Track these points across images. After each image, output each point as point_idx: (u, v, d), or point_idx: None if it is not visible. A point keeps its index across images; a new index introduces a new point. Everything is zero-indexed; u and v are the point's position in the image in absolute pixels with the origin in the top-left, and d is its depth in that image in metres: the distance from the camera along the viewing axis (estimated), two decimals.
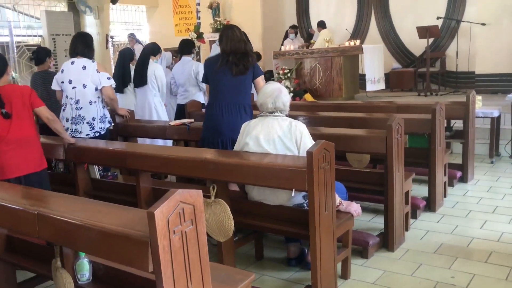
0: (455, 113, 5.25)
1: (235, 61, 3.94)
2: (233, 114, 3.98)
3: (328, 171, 2.86)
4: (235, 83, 3.98)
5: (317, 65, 9.12)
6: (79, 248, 2.23)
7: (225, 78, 3.97)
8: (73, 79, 4.53)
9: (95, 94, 4.56)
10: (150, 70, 5.81)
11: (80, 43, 4.63)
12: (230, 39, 4.00)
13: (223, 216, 2.95)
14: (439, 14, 9.51)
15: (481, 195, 4.94)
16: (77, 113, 4.54)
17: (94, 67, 4.54)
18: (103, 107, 4.67)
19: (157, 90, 5.90)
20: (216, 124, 4.01)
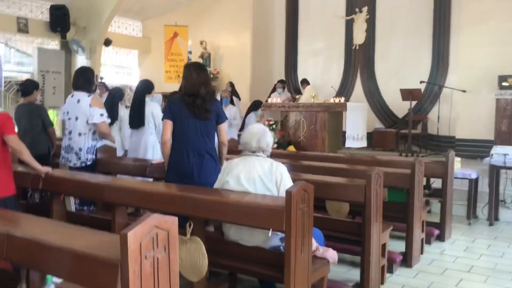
0: (434, 171, 5.34)
1: (196, 105, 3.86)
2: (201, 159, 3.91)
3: (306, 213, 2.86)
4: (202, 127, 3.92)
5: (302, 119, 9.26)
6: (48, 271, 2.16)
7: (190, 121, 3.90)
8: (69, 111, 4.77)
9: (86, 126, 4.70)
10: (148, 109, 5.72)
11: (81, 77, 4.82)
12: (187, 81, 3.92)
13: (198, 254, 2.91)
14: (423, 78, 9.85)
15: (457, 254, 4.94)
16: (68, 143, 4.76)
17: (88, 101, 4.67)
18: (94, 140, 4.76)
19: (154, 128, 5.79)
20: (183, 169, 3.91)
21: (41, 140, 5.48)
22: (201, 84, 3.89)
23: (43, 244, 2.08)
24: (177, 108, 3.95)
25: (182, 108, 3.92)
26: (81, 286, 2.06)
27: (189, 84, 3.91)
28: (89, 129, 4.71)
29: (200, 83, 3.89)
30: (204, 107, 3.88)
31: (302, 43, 12.03)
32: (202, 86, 3.88)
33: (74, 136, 4.73)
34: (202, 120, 3.91)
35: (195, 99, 3.87)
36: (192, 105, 3.87)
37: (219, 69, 12.02)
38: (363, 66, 11.19)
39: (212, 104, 3.94)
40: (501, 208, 6.42)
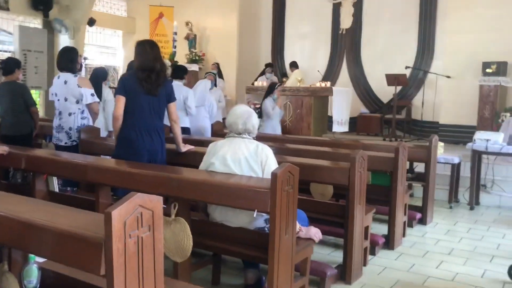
0: (417, 156, 5.39)
1: (150, 81, 3.85)
2: (150, 136, 3.96)
3: (291, 195, 2.87)
4: (158, 104, 3.95)
5: (288, 103, 9.26)
6: (30, 250, 2.14)
7: (143, 97, 3.90)
8: (57, 92, 4.86)
9: (75, 106, 4.82)
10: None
11: (64, 57, 4.89)
12: (141, 56, 3.91)
13: (183, 235, 2.90)
14: (408, 64, 9.90)
15: (439, 237, 5.03)
16: (59, 123, 4.87)
17: (75, 82, 4.76)
18: (83, 119, 4.87)
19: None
20: (133, 145, 3.94)
21: (24, 120, 5.39)
22: (156, 60, 3.88)
23: (25, 223, 2.05)
24: (131, 84, 3.92)
25: (135, 84, 3.90)
26: (65, 265, 2.05)
27: (144, 59, 3.90)
28: (78, 109, 4.83)
29: (155, 59, 3.88)
30: (157, 82, 3.88)
31: (289, 26, 11.98)
32: (157, 62, 3.88)
33: (64, 116, 4.82)
34: (153, 96, 3.91)
35: (150, 74, 3.86)
36: (145, 81, 3.86)
37: (205, 51, 11.92)
38: (349, 51, 11.20)
39: (164, 81, 3.95)
40: (482, 193, 6.53)
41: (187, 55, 11.68)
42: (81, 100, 4.79)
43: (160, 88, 3.91)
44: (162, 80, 3.91)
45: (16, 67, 5.62)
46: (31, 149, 4.38)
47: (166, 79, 4.02)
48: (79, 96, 4.77)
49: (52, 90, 4.95)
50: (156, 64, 3.87)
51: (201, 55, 11.76)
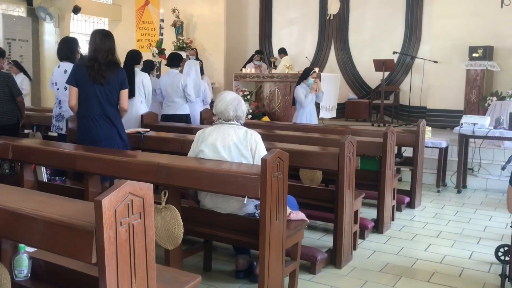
0: (405, 140, 5.44)
1: (99, 69, 3.96)
2: (103, 123, 4.07)
3: (281, 181, 2.88)
4: (107, 92, 4.04)
5: (277, 90, 9.24)
6: (20, 239, 2.13)
7: (93, 87, 4.00)
8: (58, 81, 4.88)
9: None
10: (138, 79, 5.71)
11: (63, 48, 4.93)
12: (93, 46, 4.02)
13: (173, 222, 2.90)
14: (396, 49, 9.92)
15: (427, 220, 5.10)
16: (59, 112, 4.94)
17: None
18: None
19: (144, 98, 5.83)
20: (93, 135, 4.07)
21: (10, 110, 5.32)
22: (104, 51, 3.97)
23: (14, 213, 2.04)
24: (81, 73, 4.03)
25: (84, 72, 4.01)
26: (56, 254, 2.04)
27: (91, 49, 4.03)
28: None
29: (103, 50, 3.97)
30: (100, 72, 3.96)
31: (276, 12, 11.92)
32: (104, 52, 3.97)
33: (64, 105, 4.82)
34: (100, 85, 4.00)
35: (94, 63, 3.97)
36: (91, 69, 3.97)
37: (192, 38, 11.82)
38: (337, 37, 11.19)
39: (113, 71, 4.02)
40: (469, 176, 6.61)
41: (174, 43, 11.57)
42: None
43: (109, 76, 3.99)
44: (107, 71, 3.98)
45: (0, 56, 5.54)
46: (18, 139, 4.33)
47: (117, 68, 4.08)
48: None
49: (52, 79, 5.01)
50: (100, 54, 3.96)
51: (189, 42, 11.66)
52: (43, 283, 2.32)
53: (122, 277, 1.83)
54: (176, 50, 11.31)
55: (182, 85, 6.23)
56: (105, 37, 4.06)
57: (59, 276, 2.30)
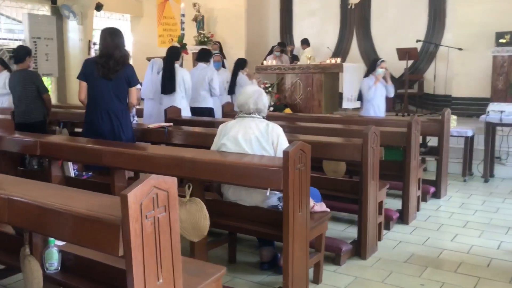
0: (430, 130, 5.37)
1: (108, 66, 4.11)
2: (112, 118, 4.22)
3: (303, 173, 2.88)
4: (115, 88, 4.19)
5: (298, 81, 9.21)
6: (50, 234, 2.19)
7: (101, 82, 4.15)
8: None
9: None
10: (179, 75, 6.01)
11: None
12: (101, 44, 4.20)
13: (199, 215, 2.93)
14: (419, 37, 9.75)
15: (453, 210, 5.03)
16: None
17: None
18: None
19: (184, 93, 6.09)
20: (99, 128, 4.22)
21: (37, 107, 5.45)
22: (115, 48, 4.13)
23: (44, 207, 2.10)
24: (90, 70, 4.19)
25: (94, 69, 4.16)
26: (84, 247, 2.09)
27: (103, 46, 4.20)
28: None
29: (114, 47, 4.13)
30: (115, 68, 4.13)
31: (297, 4, 11.84)
32: (116, 49, 4.14)
33: None
34: (111, 81, 4.15)
35: (108, 60, 4.12)
36: (103, 66, 4.12)
37: (213, 32, 11.84)
38: (359, 26, 11.05)
39: (123, 67, 4.18)
40: (496, 165, 6.49)
41: (196, 37, 11.61)
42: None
43: (118, 72, 4.14)
44: (119, 67, 4.14)
45: (26, 55, 5.66)
46: (45, 135, 4.43)
47: (126, 65, 4.23)
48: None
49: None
50: (114, 51, 4.12)
51: (210, 37, 11.68)
52: (73, 275, 2.39)
53: (148, 269, 1.87)
54: (198, 44, 11.37)
55: (208, 79, 6.46)
56: (115, 35, 4.21)
57: (88, 269, 2.36)
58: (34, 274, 2.31)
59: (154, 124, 4.89)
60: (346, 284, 3.33)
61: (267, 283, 3.35)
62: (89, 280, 2.33)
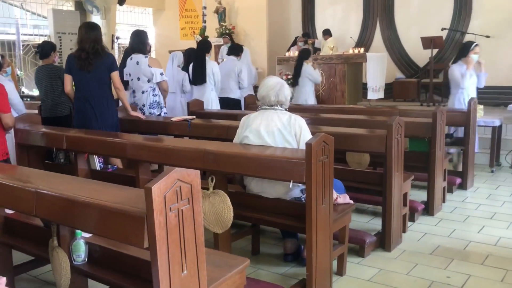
0: (456, 120, 5.26)
1: (86, 58, 4.44)
2: (96, 104, 4.53)
3: (326, 164, 2.87)
4: (96, 78, 4.50)
5: (321, 72, 9.14)
6: (76, 226, 2.24)
7: (83, 73, 4.49)
8: (131, 72, 5.34)
9: (147, 85, 5.28)
10: (209, 67, 6.38)
11: (135, 40, 5.36)
12: (79, 38, 4.52)
13: (222, 207, 2.94)
14: (444, 25, 9.56)
15: (480, 201, 4.94)
16: (133, 101, 5.35)
17: (146, 62, 5.24)
18: (154, 96, 5.34)
19: (214, 85, 6.46)
20: (85, 115, 4.57)
21: (63, 102, 5.53)
22: (90, 41, 4.43)
23: (70, 200, 2.14)
24: (72, 63, 4.56)
25: (74, 61, 4.52)
26: (110, 239, 2.13)
27: (78, 40, 4.54)
28: (150, 87, 5.28)
29: (89, 40, 4.43)
30: (88, 60, 4.44)
31: None
32: (90, 42, 4.43)
33: (138, 94, 5.32)
34: (90, 72, 4.47)
35: (81, 53, 4.46)
36: (78, 59, 4.48)
37: (235, 24, 11.83)
38: (382, 15, 10.88)
39: (101, 58, 4.47)
40: None
41: (217, 29, 11.63)
42: (152, 79, 5.24)
43: (96, 63, 4.45)
44: (93, 59, 4.44)
45: (51, 50, 5.74)
46: (71, 129, 4.51)
47: (104, 54, 4.50)
48: (150, 76, 5.23)
49: (126, 70, 5.42)
50: (87, 45, 4.43)
51: (231, 29, 11.68)
52: (99, 267, 2.43)
53: (173, 260, 1.89)
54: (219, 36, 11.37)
55: (237, 70, 6.83)
56: (90, 29, 4.52)
57: (114, 260, 2.40)
58: (62, 265, 2.36)
59: (177, 117, 4.93)
60: (370, 276, 3.31)
61: (291, 275, 3.36)
62: (115, 272, 2.37)
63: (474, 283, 3.18)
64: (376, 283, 3.21)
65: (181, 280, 1.92)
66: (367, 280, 3.25)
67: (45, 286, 3.27)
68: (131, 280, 2.27)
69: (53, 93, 5.52)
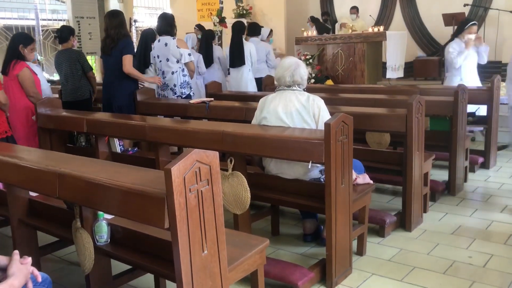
0: (479, 98, 5.15)
1: (105, 44, 4.96)
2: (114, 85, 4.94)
3: (345, 144, 2.85)
4: (113, 61, 4.89)
5: (340, 51, 9.03)
6: (98, 207, 2.28)
7: (106, 57, 5.00)
8: (160, 54, 5.40)
9: (176, 65, 5.36)
10: (246, 49, 6.55)
11: (163, 23, 5.40)
12: (105, 26, 4.99)
13: (240, 188, 2.96)
14: (466, 1, 9.31)
15: (502, 181, 4.86)
16: (163, 82, 5.42)
17: (174, 43, 5.31)
18: (184, 75, 5.42)
19: (251, 66, 6.66)
20: (108, 92, 5.03)
21: (82, 85, 5.58)
22: (113, 28, 4.87)
23: (92, 182, 2.17)
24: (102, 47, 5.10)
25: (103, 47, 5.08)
26: (131, 219, 2.16)
27: (104, 28, 5.01)
28: (179, 67, 5.36)
29: (111, 27, 4.88)
30: (110, 45, 4.89)
31: None
32: (114, 28, 4.86)
33: (168, 74, 5.38)
34: (111, 56, 4.91)
35: (106, 38, 4.96)
36: (103, 44, 5.01)
37: (252, 4, 11.71)
38: None
39: (118, 43, 4.85)
40: None
41: (234, 10, 11.52)
42: (180, 59, 5.33)
43: (114, 48, 4.86)
44: (114, 44, 4.86)
45: (70, 35, 5.77)
46: (91, 113, 4.56)
47: (120, 40, 4.86)
48: (179, 56, 5.31)
49: (153, 53, 5.53)
50: (110, 31, 4.88)
51: (248, 9, 11.56)
52: (121, 247, 2.48)
53: (193, 240, 1.91)
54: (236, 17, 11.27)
55: (266, 51, 7.06)
56: (112, 16, 4.95)
57: (136, 241, 2.44)
58: (86, 246, 2.41)
59: (195, 99, 4.94)
60: (391, 256, 3.30)
61: (311, 255, 3.37)
62: (137, 252, 2.41)
63: (496, 262, 3.14)
64: (397, 263, 3.20)
65: (202, 260, 1.95)
66: (388, 260, 3.24)
67: (70, 266, 3.35)
68: (153, 260, 2.31)
69: (73, 77, 5.56)
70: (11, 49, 4.68)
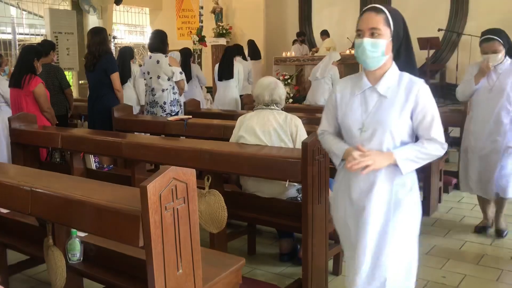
0: (453, 120, 5.27)
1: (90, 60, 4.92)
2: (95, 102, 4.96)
3: (322, 164, 2.87)
4: (96, 77, 4.92)
5: None
6: (72, 224, 2.23)
7: (89, 73, 5.01)
8: (150, 71, 5.34)
9: (167, 83, 5.32)
10: (235, 68, 6.95)
11: (156, 40, 5.40)
12: (87, 43, 5.03)
13: (217, 206, 2.95)
14: (441, 26, 9.58)
15: (475, 202, 4.91)
16: (152, 99, 5.39)
17: (166, 61, 5.28)
18: (174, 93, 5.40)
19: (237, 83, 6.98)
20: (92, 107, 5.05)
21: (59, 101, 5.52)
22: (95, 45, 4.86)
23: (66, 199, 2.13)
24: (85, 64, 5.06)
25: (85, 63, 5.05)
26: (105, 237, 2.13)
27: (87, 45, 5.04)
28: (170, 85, 5.32)
29: (93, 43, 4.88)
30: (92, 62, 4.88)
31: None
32: (95, 46, 4.86)
33: (158, 92, 5.34)
34: (92, 72, 4.92)
35: (88, 56, 4.94)
36: (86, 61, 4.99)
37: (232, 24, 11.83)
38: None
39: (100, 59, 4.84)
40: None
41: (214, 29, 11.62)
42: (171, 77, 5.31)
43: (96, 65, 4.86)
44: (97, 61, 4.85)
45: (50, 49, 5.74)
46: (67, 128, 4.51)
47: (102, 57, 4.85)
48: (171, 74, 5.30)
49: (143, 69, 5.50)
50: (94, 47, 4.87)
51: (228, 29, 11.68)
52: (94, 266, 2.43)
53: (168, 259, 1.88)
54: (216, 37, 11.37)
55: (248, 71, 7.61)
56: (95, 33, 4.93)
57: (109, 259, 2.40)
58: (58, 264, 2.35)
59: (173, 117, 4.92)
60: None
61: (287, 274, 3.36)
62: (110, 271, 2.36)
63: (469, 282, 3.19)
64: None
65: (176, 279, 1.92)
66: None
67: (40, 285, 3.26)
68: (127, 279, 2.27)
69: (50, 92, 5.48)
70: (24, 62, 4.67)
